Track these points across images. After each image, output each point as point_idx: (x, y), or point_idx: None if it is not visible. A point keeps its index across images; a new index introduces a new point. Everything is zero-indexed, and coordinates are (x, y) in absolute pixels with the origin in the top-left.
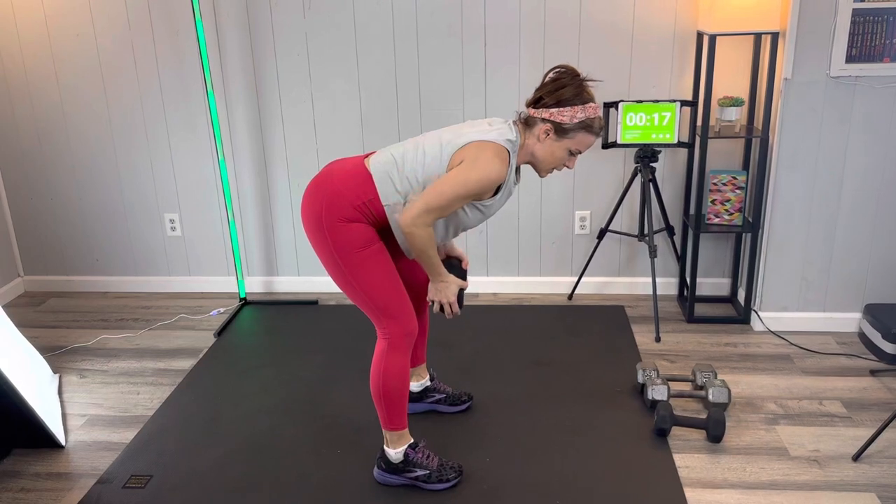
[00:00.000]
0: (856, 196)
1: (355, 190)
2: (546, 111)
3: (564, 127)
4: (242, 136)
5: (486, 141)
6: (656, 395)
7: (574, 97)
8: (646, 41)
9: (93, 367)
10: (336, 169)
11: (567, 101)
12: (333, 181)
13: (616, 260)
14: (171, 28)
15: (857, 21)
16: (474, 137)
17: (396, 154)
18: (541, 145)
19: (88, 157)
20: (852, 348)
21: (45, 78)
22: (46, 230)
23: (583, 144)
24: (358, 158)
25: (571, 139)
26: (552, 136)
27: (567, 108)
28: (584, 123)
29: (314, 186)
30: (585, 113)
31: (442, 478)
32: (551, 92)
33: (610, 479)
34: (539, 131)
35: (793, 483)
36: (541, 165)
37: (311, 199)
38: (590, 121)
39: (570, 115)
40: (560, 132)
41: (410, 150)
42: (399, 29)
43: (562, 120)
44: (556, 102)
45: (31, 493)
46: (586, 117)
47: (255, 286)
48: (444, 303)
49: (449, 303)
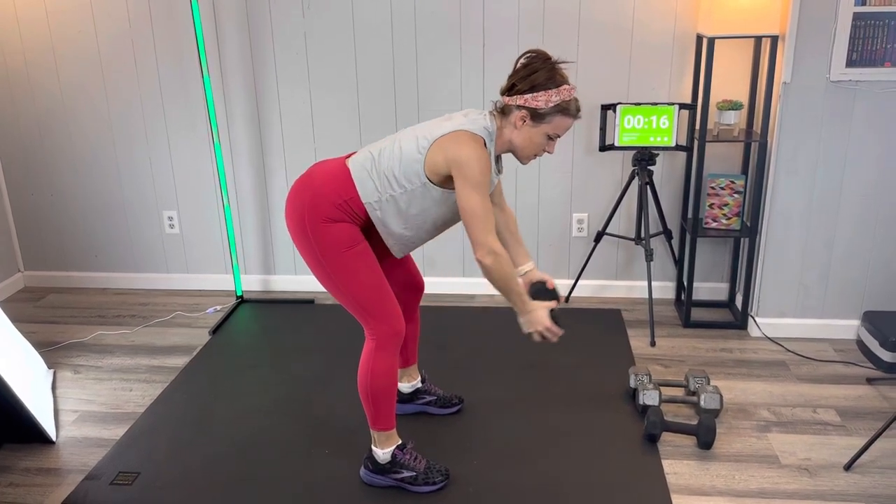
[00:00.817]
0: (855, 202)
1: (337, 190)
2: (520, 97)
3: (540, 112)
4: (241, 135)
5: (461, 131)
6: (647, 400)
7: (547, 81)
8: (645, 43)
9: (87, 363)
10: (318, 170)
11: (541, 86)
12: (315, 182)
13: (613, 263)
14: (171, 26)
15: (858, 25)
16: (449, 129)
17: (374, 152)
18: (518, 132)
19: (89, 154)
20: (850, 356)
21: (46, 74)
22: (47, 226)
23: (560, 128)
24: (340, 159)
25: (548, 124)
26: (529, 123)
27: (541, 92)
28: (559, 107)
29: (296, 188)
30: (560, 96)
31: (428, 480)
32: (524, 77)
33: (597, 484)
34: (515, 118)
35: (782, 492)
36: (520, 153)
37: (294, 201)
38: (565, 104)
39: (545, 100)
40: (536, 118)
41: (387, 147)
42: (397, 28)
43: (537, 105)
44: (530, 88)
45: (19, 489)
46: (561, 100)
47: (252, 284)
48: (542, 330)
49: (545, 328)
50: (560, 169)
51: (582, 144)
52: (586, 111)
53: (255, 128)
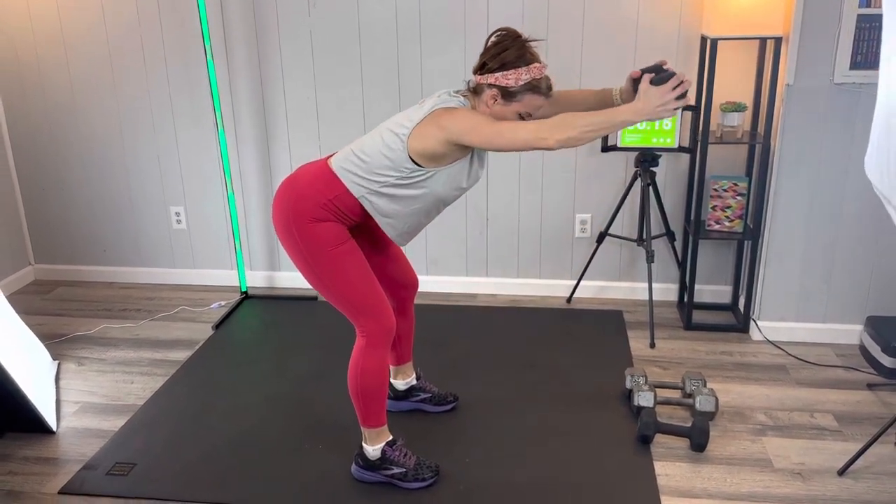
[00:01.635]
0: (858, 205)
1: (321, 189)
2: (491, 76)
3: (511, 90)
4: (247, 132)
5: (439, 108)
6: (642, 402)
7: (517, 59)
8: (649, 44)
9: (91, 355)
10: (302, 172)
11: (511, 64)
12: (299, 183)
13: (616, 264)
14: (179, 23)
15: (862, 27)
16: (427, 111)
17: (355, 147)
18: (489, 111)
19: (98, 150)
20: (851, 361)
21: (57, 70)
22: (57, 220)
23: (531, 106)
24: (322, 160)
25: (519, 102)
26: (500, 101)
27: (511, 70)
28: (529, 85)
29: (282, 190)
30: (530, 74)
31: (418, 476)
32: (494, 56)
33: (587, 484)
34: (487, 97)
35: (773, 496)
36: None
37: (280, 203)
38: (536, 81)
39: (515, 78)
40: (507, 96)
41: (368, 141)
42: (402, 25)
43: (507, 83)
44: (500, 66)
45: (17, 477)
46: (531, 78)
47: (257, 280)
48: (669, 101)
49: (669, 98)
50: (563, 169)
51: (585, 145)
52: None
53: (261, 125)
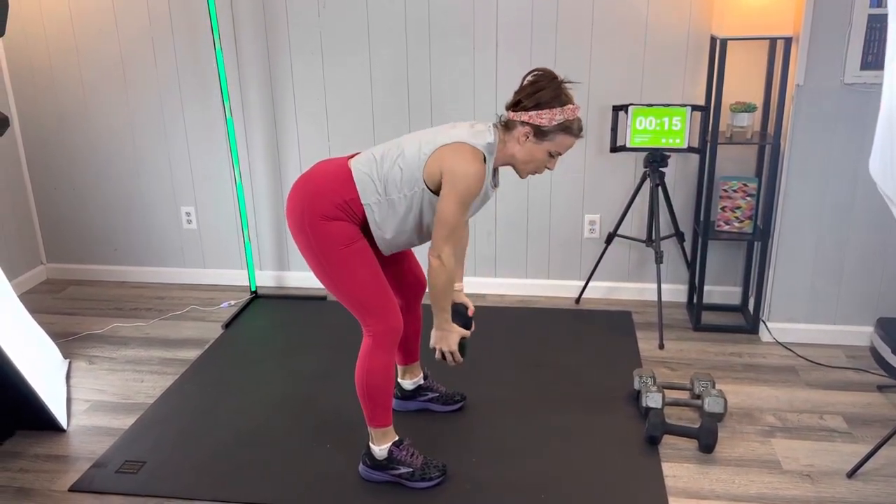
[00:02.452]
0: (869, 206)
1: (337, 190)
2: (525, 114)
3: (544, 129)
4: (257, 132)
5: (462, 143)
6: (650, 403)
7: (552, 99)
8: (659, 44)
9: (102, 354)
10: (320, 169)
11: (546, 104)
12: (316, 181)
13: (625, 265)
14: (190, 25)
15: (873, 27)
16: (452, 139)
17: (377, 154)
18: (520, 147)
19: (110, 150)
20: (861, 363)
21: (69, 72)
22: (69, 220)
23: (562, 146)
24: (343, 159)
25: (551, 141)
26: (532, 139)
27: (546, 110)
28: (563, 125)
29: (297, 186)
30: (564, 115)
31: (425, 476)
32: (529, 95)
33: (594, 484)
34: (519, 134)
35: (781, 497)
36: (521, 167)
37: (294, 199)
38: (569, 122)
39: (549, 118)
40: (539, 135)
41: (390, 151)
42: (411, 28)
43: (541, 123)
44: (535, 105)
45: (28, 474)
46: (565, 119)
47: (266, 280)
48: (446, 351)
49: (450, 351)
50: (572, 169)
51: (594, 145)
52: (599, 112)
53: (270, 126)
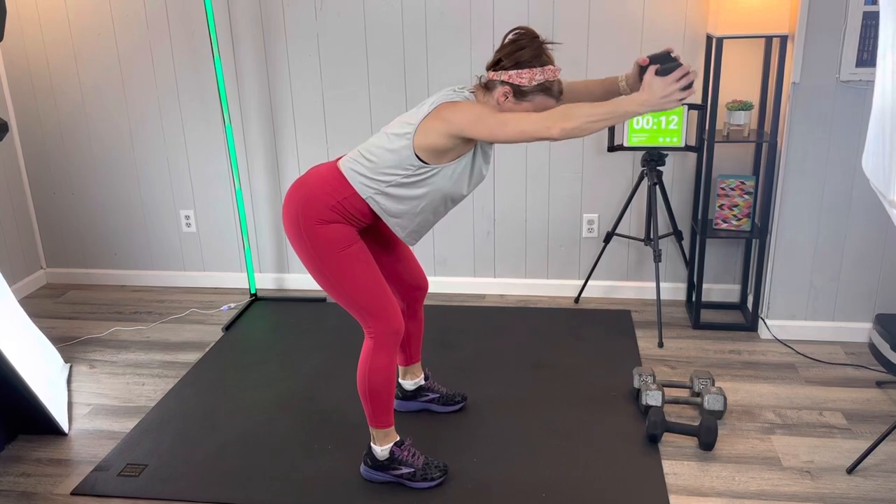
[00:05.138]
0: (866, 202)
1: (330, 192)
2: (505, 73)
3: (523, 89)
4: (255, 135)
5: (442, 103)
6: (650, 401)
7: (532, 59)
8: (655, 43)
9: (103, 357)
10: (311, 174)
11: (526, 63)
12: (309, 185)
13: (624, 264)
14: (188, 29)
15: (868, 24)
16: (429, 107)
17: (363, 149)
18: (500, 108)
19: (108, 154)
20: (861, 359)
21: (67, 76)
22: (68, 224)
23: (541, 107)
24: (332, 162)
25: (530, 102)
26: (511, 99)
27: (525, 69)
28: (542, 86)
29: (292, 192)
30: (544, 75)
31: (427, 476)
32: (510, 54)
33: (595, 483)
34: (498, 94)
35: (781, 494)
36: None
37: (289, 204)
38: (549, 83)
39: (529, 77)
40: (519, 94)
41: (374, 140)
42: (408, 28)
43: (520, 82)
44: (515, 64)
45: (30, 478)
46: (545, 79)
47: (266, 282)
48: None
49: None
50: (570, 169)
51: (592, 145)
52: None
53: (268, 127)
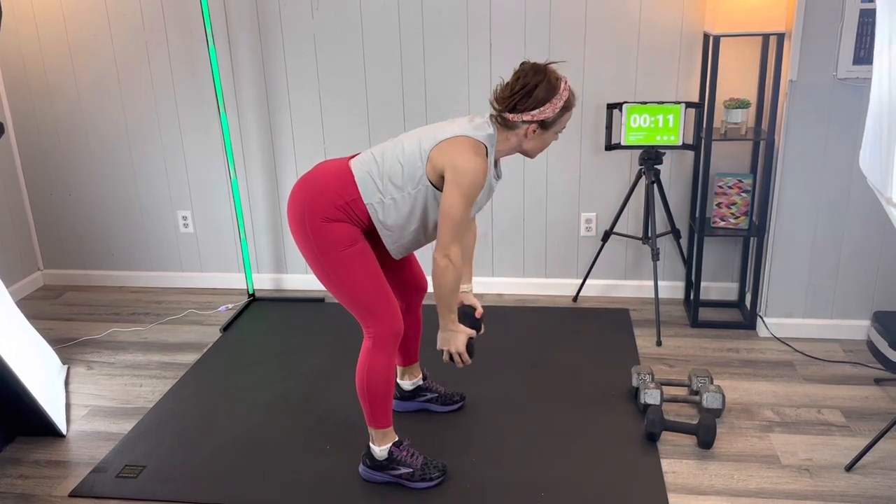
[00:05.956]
0: (864, 200)
1: (338, 190)
2: (527, 114)
3: (548, 121)
4: (252, 135)
5: (464, 136)
6: (649, 400)
7: (548, 93)
8: (652, 42)
9: (101, 359)
10: (321, 170)
11: (545, 100)
12: (317, 182)
13: (622, 263)
14: (184, 29)
15: (865, 22)
16: (453, 133)
17: (377, 153)
18: (529, 140)
19: (105, 155)
20: (859, 356)
21: (63, 77)
22: (65, 226)
23: (566, 122)
24: (343, 159)
25: (557, 124)
26: (539, 131)
27: (546, 105)
28: (564, 108)
29: (298, 187)
30: (562, 100)
31: (425, 476)
32: (524, 97)
33: (594, 482)
34: (526, 130)
35: (780, 492)
36: (532, 154)
37: (295, 200)
38: (567, 103)
39: (552, 110)
40: (545, 126)
41: (390, 149)
42: (405, 28)
43: (545, 117)
44: (535, 105)
45: (29, 480)
46: (564, 102)
47: (264, 283)
48: (454, 352)
49: (458, 353)
50: (568, 168)
51: (589, 144)
52: (593, 110)
53: (266, 128)
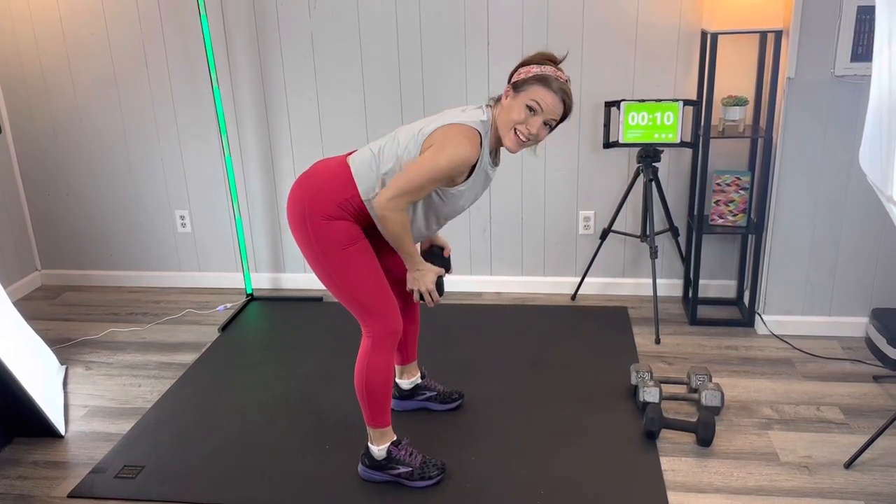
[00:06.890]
0: (862, 197)
1: (338, 188)
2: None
3: (519, 82)
4: (250, 135)
5: (456, 124)
6: (648, 398)
7: (531, 60)
8: (649, 40)
9: (99, 359)
10: (320, 168)
11: (525, 64)
12: (316, 180)
13: (620, 261)
14: (181, 28)
15: (862, 19)
16: (445, 122)
17: (374, 148)
18: (503, 111)
19: (103, 155)
20: (857, 353)
21: (61, 77)
22: (63, 226)
23: (537, 97)
24: (341, 157)
25: (525, 91)
26: (511, 95)
27: (523, 68)
28: (537, 76)
29: (298, 185)
30: (542, 70)
31: (424, 475)
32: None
33: (594, 480)
34: (503, 98)
35: (779, 489)
36: (501, 129)
37: (295, 198)
38: (545, 75)
39: (526, 72)
40: (516, 87)
41: (387, 144)
42: (402, 27)
43: (517, 78)
44: (517, 67)
45: (27, 481)
46: (541, 72)
47: (262, 282)
48: (423, 291)
49: (427, 290)
50: (566, 166)
51: (587, 142)
52: (591, 108)
53: (263, 127)
